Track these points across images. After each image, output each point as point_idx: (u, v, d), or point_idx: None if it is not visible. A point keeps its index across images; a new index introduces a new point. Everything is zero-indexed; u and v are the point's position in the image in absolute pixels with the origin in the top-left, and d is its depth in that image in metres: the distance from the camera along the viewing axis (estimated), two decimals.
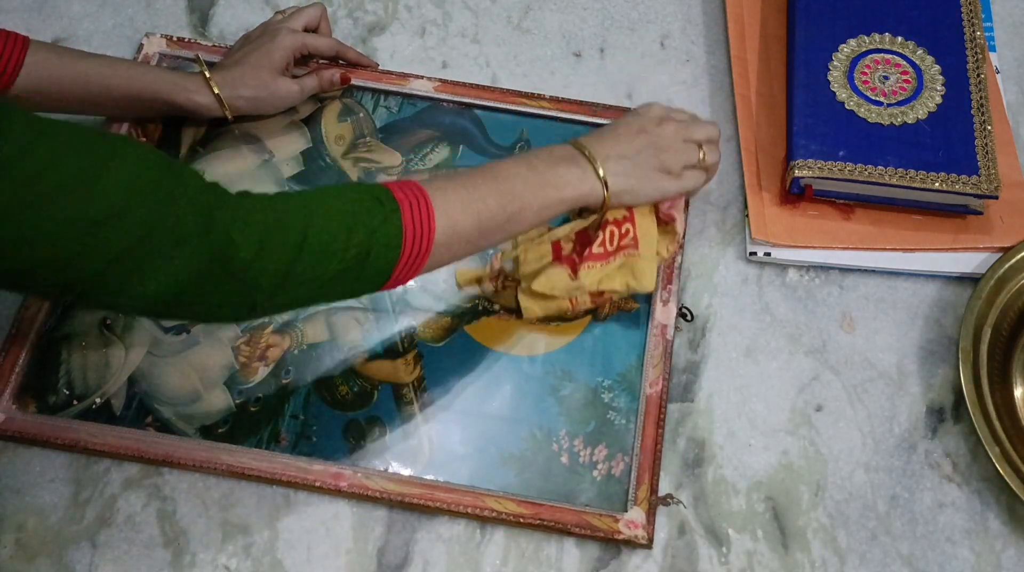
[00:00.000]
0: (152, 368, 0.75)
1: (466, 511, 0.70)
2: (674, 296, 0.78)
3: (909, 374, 0.79)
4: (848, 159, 0.81)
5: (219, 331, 0.76)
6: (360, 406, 0.74)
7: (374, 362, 0.76)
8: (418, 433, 0.74)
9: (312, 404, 0.74)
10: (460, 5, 0.96)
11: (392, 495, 0.70)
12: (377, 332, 0.77)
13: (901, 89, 0.85)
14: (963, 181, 0.80)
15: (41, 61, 0.73)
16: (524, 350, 0.77)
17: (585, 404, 0.75)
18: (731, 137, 0.89)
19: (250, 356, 0.76)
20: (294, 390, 0.75)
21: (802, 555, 0.72)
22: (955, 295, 0.82)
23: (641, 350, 0.77)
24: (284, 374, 0.76)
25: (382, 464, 0.72)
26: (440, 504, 0.70)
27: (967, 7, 0.89)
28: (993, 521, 0.73)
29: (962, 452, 0.76)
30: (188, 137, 0.85)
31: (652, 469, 0.72)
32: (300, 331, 0.77)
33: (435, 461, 0.72)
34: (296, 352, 0.76)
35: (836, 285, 0.82)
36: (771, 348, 0.79)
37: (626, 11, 0.96)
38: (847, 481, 0.74)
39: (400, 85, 0.88)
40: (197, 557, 0.70)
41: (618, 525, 0.70)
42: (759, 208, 0.83)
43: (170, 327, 0.76)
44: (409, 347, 0.77)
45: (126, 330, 0.76)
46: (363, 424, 0.74)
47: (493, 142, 0.86)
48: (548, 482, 0.72)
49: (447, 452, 0.73)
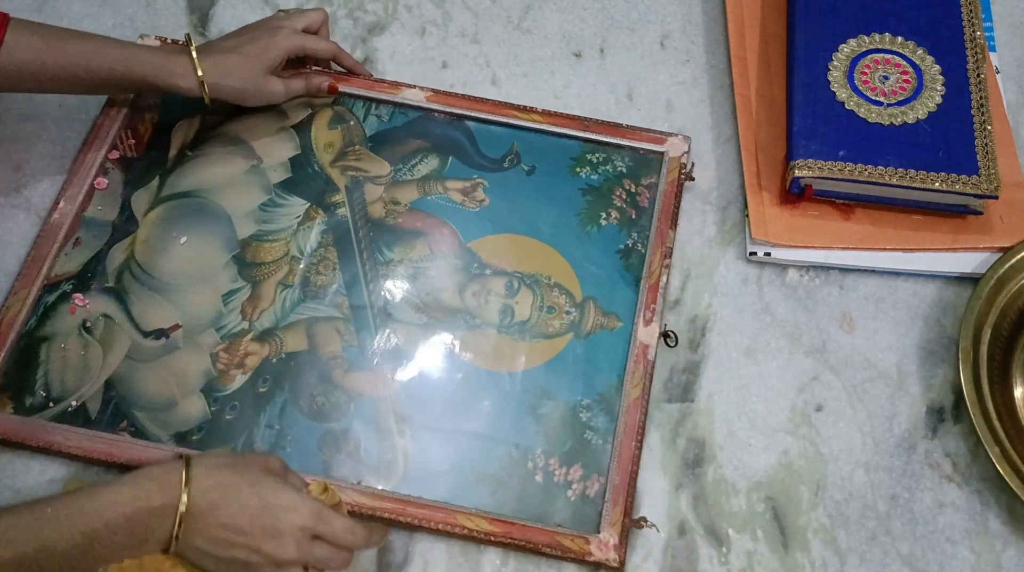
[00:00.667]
0: (130, 372, 0.74)
1: (437, 528, 0.69)
2: (657, 316, 0.77)
3: (909, 374, 0.79)
4: (848, 159, 0.81)
5: (199, 336, 0.76)
6: (336, 418, 0.74)
7: (352, 374, 0.75)
8: (393, 448, 0.72)
9: (288, 414, 0.74)
10: (460, 5, 0.96)
11: (364, 508, 0.69)
12: (357, 344, 0.77)
13: (901, 89, 0.85)
14: (963, 181, 0.80)
15: (23, 41, 0.72)
16: (504, 366, 0.76)
17: (563, 423, 0.74)
18: (731, 137, 0.89)
19: (228, 363, 0.75)
20: (271, 399, 0.74)
21: (802, 555, 0.72)
22: (955, 295, 0.82)
23: (622, 369, 0.75)
24: (262, 383, 0.75)
25: (355, 477, 0.71)
26: (412, 519, 0.69)
27: (967, 7, 0.89)
28: (993, 521, 0.73)
29: (962, 452, 0.76)
30: (177, 140, 0.84)
31: (627, 491, 0.71)
32: (280, 339, 0.76)
33: (410, 477, 0.71)
34: (275, 360, 0.76)
35: (836, 285, 0.82)
36: (771, 348, 0.79)
37: (626, 11, 0.96)
38: (847, 481, 0.74)
39: (392, 94, 0.87)
40: None
41: (589, 547, 0.69)
42: (759, 208, 0.83)
43: (149, 332, 0.76)
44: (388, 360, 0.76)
45: (106, 333, 0.76)
46: (339, 436, 0.73)
47: (483, 154, 0.85)
48: (522, 501, 0.71)
49: (422, 468, 0.72)
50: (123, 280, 0.78)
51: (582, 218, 0.82)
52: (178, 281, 0.78)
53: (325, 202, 0.82)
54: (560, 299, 0.79)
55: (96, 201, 0.81)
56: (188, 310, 0.77)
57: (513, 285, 0.79)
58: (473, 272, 0.80)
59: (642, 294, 0.78)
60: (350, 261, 0.80)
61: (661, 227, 0.81)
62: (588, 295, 0.79)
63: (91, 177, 0.81)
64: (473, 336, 0.77)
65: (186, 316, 0.77)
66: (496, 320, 0.78)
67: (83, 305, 0.76)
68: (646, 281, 0.79)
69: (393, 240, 0.81)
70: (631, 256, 0.81)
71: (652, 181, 0.84)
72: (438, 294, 0.79)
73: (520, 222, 0.82)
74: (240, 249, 0.80)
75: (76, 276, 0.78)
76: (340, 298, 0.78)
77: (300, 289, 0.78)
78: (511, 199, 0.83)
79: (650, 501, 0.73)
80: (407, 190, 0.83)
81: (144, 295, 0.77)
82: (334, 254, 0.80)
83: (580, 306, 0.79)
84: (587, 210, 0.83)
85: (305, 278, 0.79)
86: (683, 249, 0.83)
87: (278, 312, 0.77)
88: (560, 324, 0.78)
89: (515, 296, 0.79)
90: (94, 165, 0.82)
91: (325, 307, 0.78)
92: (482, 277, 0.80)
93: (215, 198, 0.82)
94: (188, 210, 0.81)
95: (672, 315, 0.80)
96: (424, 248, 0.81)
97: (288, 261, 0.80)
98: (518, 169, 0.85)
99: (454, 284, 0.79)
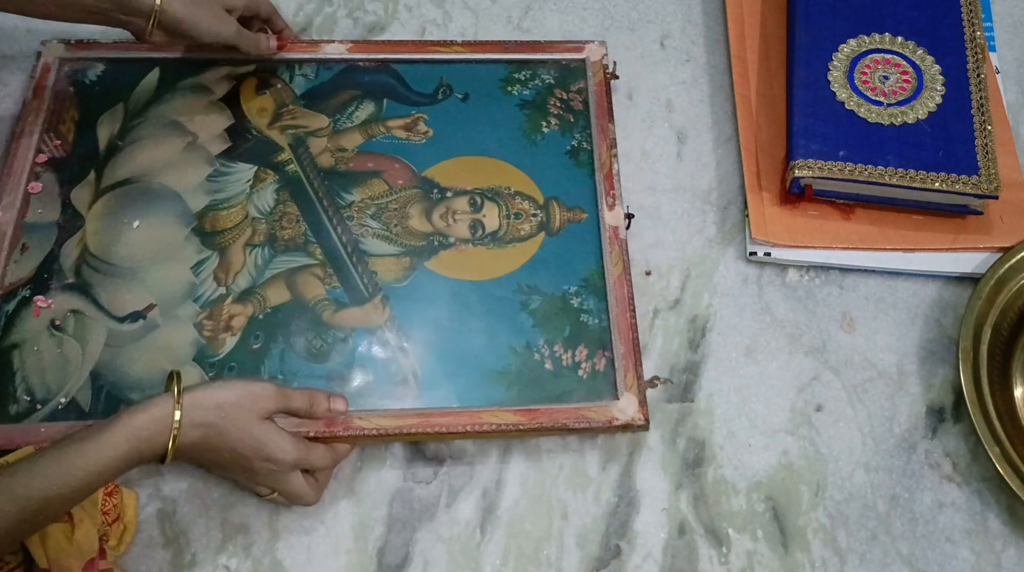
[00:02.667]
0: (114, 359, 0.74)
1: (465, 430, 0.71)
2: (618, 200, 0.81)
3: (909, 374, 0.79)
4: (848, 159, 0.81)
5: (177, 310, 0.76)
6: (338, 355, 0.75)
7: (342, 312, 0.77)
8: (401, 370, 0.75)
9: (289, 362, 0.75)
10: (460, 5, 0.96)
11: (389, 430, 0.71)
12: (339, 283, 0.78)
13: (901, 89, 0.85)
14: (963, 181, 0.80)
15: None
16: (487, 274, 0.79)
17: (556, 312, 0.77)
18: (731, 137, 0.89)
19: (215, 329, 0.76)
20: (267, 353, 0.75)
21: (802, 555, 0.72)
22: (955, 295, 0.82)
23: (599, 253, 0.80)
24: (254, 340, 0.76)
25: (372, 405, 0.73)
26: (439, 429, 0.71)
27: (967, 7, 0.89)
28: (993, 521, 0.73)
29: (962, 452, 0.76)
30: (104, 132, 0.85)
31: (634, 357, 0.74)
32: (261, 297, 0.77)
33: (424, 392, 0.74)
34: (261, 317, 0.77)
35: (836, 285, 0.82)
36: (771, 348, 0.79)
37: (626, 11, 0.96)
38: (847, 481, 0.74)
39: (313, 51, 0.89)
40: (197, 557, 0.70)
41: (613, 412, 0.72)
42: (759, 208, 0.83)
43: (124, 316, 0.76)
44: (374, 291, 0.78)
45: (79, 327, 0.75)
46: (345, 372, 0.75)
47: (416, 91, 0.88)
48: (538, 390, 0.74)
49: (433, 382, 0.74)
50: (82, 274, 0.78)
51: (525, 130, 0.87)
52: (141, 263, 0.78)
53: (272, 162, 0.84)
54: (524, 205, 0.83)
55: (34, 205, 0.80)
56: (159, 288, 0.77)
57: (476, 201, 0.83)
58: (435, 197, 0.83)
59: (599, 184, 0.83)
60: (311, 211, 0.81)
61: (600, 123, 0.86)
62: (549, 196, 0.83)
63: (23, 184, 0.81)
64: (450, 254, 0.80)
65: (159, 294, 0.77)
66: (468, 235, 0.81)
67: (46, 306, 0.76)
68: (599, 172, 0.84)
69: (349, 183, 0.83)
70: (579, 154, 0.85)
71: (581, 86, 0.89)
72: (406, 223, 0.82)
73: (468, 145, 0.86)
74: (197, 221, 0.81)
75: (32, 280, 0.77)
76: (311, 246, 0.80)
77: (268, 246, 0.80)
78: (453, 126, 0.87)
79: (650, 501, 0.73)
80: (350, 136, 0.86)
81: (109, 283, 0.77)
82: (294, 208, 0.82)
83: (544, 207, 0.83)
84: (527, 122, 0.87)
85: (271, 235, 0.80)
86: (683, 249, 0.83)
87: (252, 271, 0.79)
88: (530, 227, 0.82)
89: (480, 210, 0.82)
90: (23, 172, 0.81)
91: (298, 257, 0.80)
92: (444, 200, 0.83)
93: (158, 179, 0.82)
94: (133, 196, 0.82)
95: (672, 315, 0.80)
96: (381, 185, 0.83)
97: (250, 223, 0.81)
98: (453, 98, 0.88)
99: (419, 211, 0.82)
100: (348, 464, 0.73)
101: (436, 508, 0.72)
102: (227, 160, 0.84)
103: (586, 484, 0.74)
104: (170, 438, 0.62)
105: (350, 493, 0.72)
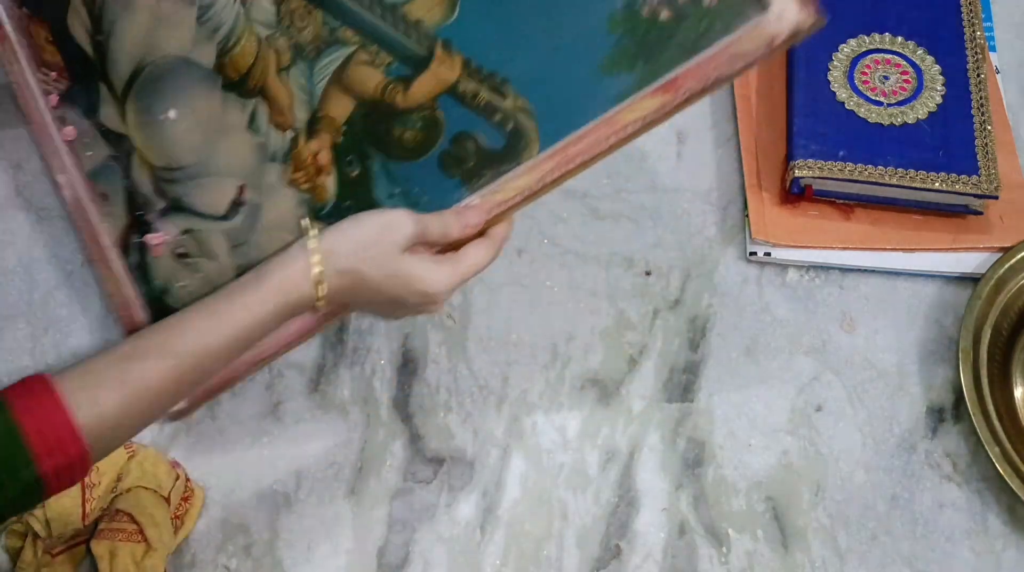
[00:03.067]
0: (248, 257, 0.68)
1: (611, 143, 0.61)
2: None
3: (909, 374, 0.79)
4: (848, 159, 0.81)
5: (264, 179, 0.68)
6: (437, 136, 0.66)
7: (413, 85, 0.67)
8: (508, 121, 0.64)
9: (394, 171, 0.67)
10: None
11: (532, 189, 0.63)
12: (390, 58, 0.68)
13: (901, 89, 0.85)
14: (963, 181, 0.80)
15: None
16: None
17: None
18: (731, 137, 0.89)
19: (310, 177, 0.68)
20: (370, 172, 0.67)
21: (802, 555, 0.72)
22: (955, 295, 0.82)
23: None
24: (348, 166, 0.68)
25: (500, 174, 0.64)
26: (582, 157, 0.62)
27: (967, 7, 0.89)
28: (993, 521, 0.73)
29: (962, 452, 0.76)
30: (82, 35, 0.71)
31: None
32: (327, 118, 0.68)
33: (545, 128, 0.63)
34: (341, 140, 0.68)
35: (836, 285, 0.82)
36: (771, 348, 0.79)
37: None
38: (847, 481, 0.74)
39: None
40: (197, 557, 0.70)
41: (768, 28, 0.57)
42: (759, 208, 0.83)
43: (226, 212, 0.69)
44: (430, 43, 0.66)
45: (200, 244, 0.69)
46: (453, 151, 0.66)
47: None
48: (666, 52, 0.60)
49: (550, 112, 0.63)
50: (165, 191, 0.70)
51: None
52: (201, 151, 0.70)
53: None
54: None
55: (80, 151, 0.72)
56: (234, 167, 0.69)
57: None
58: None
59: None
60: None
61: None
62: None
63: (56, 137, 0.72)
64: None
65: (238, 172, 0.69)
66: None
67: (160, 241, 0.69)
68: None
69: None
70: None
71: None
72: None
73: None
74: (220, 75, 0.70)
75: (130, 225, 0.70)
76: (339, 32, 0.69)
77: (299, 59, 0.69)
78: None
79: (650, 501, 0.73)
80: None
81: (191, 187, 0.69)
82: (300, 3, 0.69)
83: None
84: None
85: (295, 46, 0.69)
86: (683, 249, 0.83)
87: (303, 98, 0.69)
88: None
89: None
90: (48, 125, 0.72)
91: (334, 51, 0.69)
92: None
93: (156, 51, 0.70)
94: (147, 88, 0.71)
95: (672, 315, 0.80)
96: None
97: (267, 46, 0.70)
98: None
99: None
100: (348, 464, 0.73)
101: (436, 508, 0.72)
102: None
103: (586, 484, 0.74)
104: (315, 289, 0.61)
105: (350, 493, 0.72)
